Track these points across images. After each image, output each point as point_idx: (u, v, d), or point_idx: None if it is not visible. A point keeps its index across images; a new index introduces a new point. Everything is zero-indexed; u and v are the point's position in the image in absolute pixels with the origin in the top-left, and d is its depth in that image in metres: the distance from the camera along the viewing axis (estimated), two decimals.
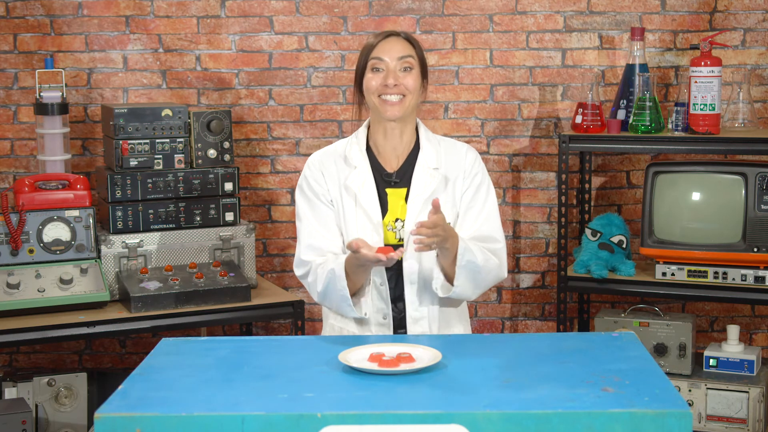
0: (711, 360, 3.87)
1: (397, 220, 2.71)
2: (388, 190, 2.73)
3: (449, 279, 2.65)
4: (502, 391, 2.12)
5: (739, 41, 4.09)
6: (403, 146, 2.76)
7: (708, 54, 3.78)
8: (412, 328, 2.72)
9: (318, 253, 2.72)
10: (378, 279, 2.70)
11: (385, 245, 2.68)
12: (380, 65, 2.68)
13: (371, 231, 2.69)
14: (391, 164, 2.76)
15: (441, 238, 2.52)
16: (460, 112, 4.19)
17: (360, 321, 2.74)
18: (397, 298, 2.73)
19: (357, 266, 2.58)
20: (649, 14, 4.12)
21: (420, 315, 2.72)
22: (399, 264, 2.70)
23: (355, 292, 2.66)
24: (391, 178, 2.74)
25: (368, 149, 2.77)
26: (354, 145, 2.77)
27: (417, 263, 2.70)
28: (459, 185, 2.74)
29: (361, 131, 2.79)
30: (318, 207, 2.74)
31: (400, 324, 2.74)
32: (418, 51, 2.73)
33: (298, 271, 2.77)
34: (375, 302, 2.71)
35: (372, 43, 2.71)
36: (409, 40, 2.73)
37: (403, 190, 2.73)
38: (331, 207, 2.74)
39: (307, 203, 2.76)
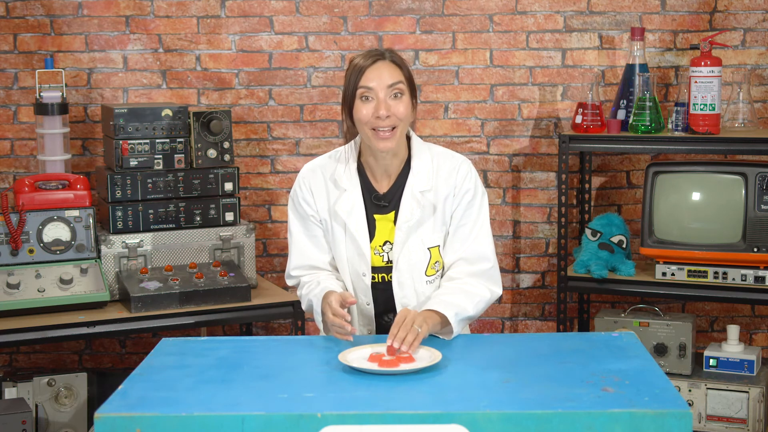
0: (711, 360, 3.87)
1: (385, 243, 2.69)
2: (377, 216, 2.70)
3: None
4: (502, 391, 2.12)
5: (739, 41, 4.09)
6: (395, 165, 2.71)
7: (708, 54, 3.78)
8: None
9: (308, 269, 2.76)
10: (364, 298, 2.70)
11: (372, 268, 2.68)
12: (370, 94, 2.59)
13: (358, 256, 2.68)
14: (382, 184, 2.71)
15: (420, 330, 2.45)
16: (460, 112, 4.19)
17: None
18: (388, 310, 2.73)
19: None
20: (649, 14, 4.12)
21: None
22: (390, 285, 2.70)
23: None
24: (380, 202, 2.70)
25: (359, 165, 2.73)
26: (344, 164, 2.71)
27: (408, 287, 2.68)
28: (449, 204, 2.69)
29: (353, 148, 2.73)
30: (308, 225, 2.74)
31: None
32: (406, 72, 2.64)
33: (289, 282, 2.82)
34: (361, 317, 2.74)
35: (360, 67, 2.61)
36: (396, 62, 2.63)
37: (391, 214, 2.69)
38: (320, 225, 2.74)
39: (299, 220, 2.76)
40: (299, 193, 2.74)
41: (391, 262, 2.68)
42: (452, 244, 2.71)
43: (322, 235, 2.74)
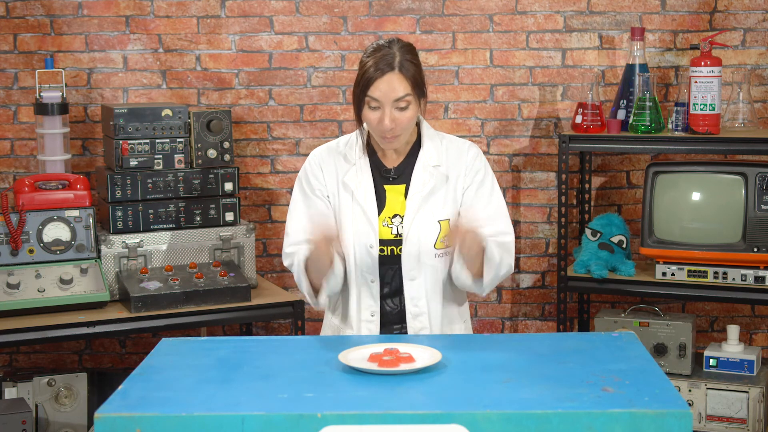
0: (711, 360, 3.87)
1: (395, 216, 2.72)
2: (387, 187, 2.74)
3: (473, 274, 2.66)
4: (502, 391, 2.12)
5: (739, 41, 4.09)
6: (404, 145, 2.77)
7: (708, 54, 3.78)
8: (411, 323, 2.72)
9: (303, 244, 2.73)
10: (369, 276, 2.71)
11: (380, 240, 2.70)
12: (377, 104, 2.62)
13: (367, 226, 2.70)
14: (391, 161, 2.77)
15: (471, 238, 2.53)
16: (460, 112, 4.19)
17: (353, 322, 2.75)
18: (395, 293, 2.73)
19: (313, 259, 2.61)
20: (649, 14, 4.12)
21: (419, 311, 2.72)
22: (398, 259, 2.71)
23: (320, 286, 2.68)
24: (390, 174, 2.74)
25: (369, 146, 2.78)
26: (355, 142, 2.78)
27: (416, 260, 2.70)
28: (460, 182, 2.74)
29: (363, 129, 2.79)
30: (312, 201, 2.76)
31: (397, 319, 2.74)
32: (414, 81, 2.64)
33: (285, 261, 2.80)
34: (363, 299, 2.72)
35: (368, 77, 2.61)
36: (405, 73, 2.62)
37: (402, 187, 2.73)
38: (326, 202, 2.75)
39: (302, 196, 2.78)
40: (308, 169, 2.78)
41: (399, 235, 2.70)
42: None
43: (325, 213, 2.75)
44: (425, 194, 2.71)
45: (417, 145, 2.77)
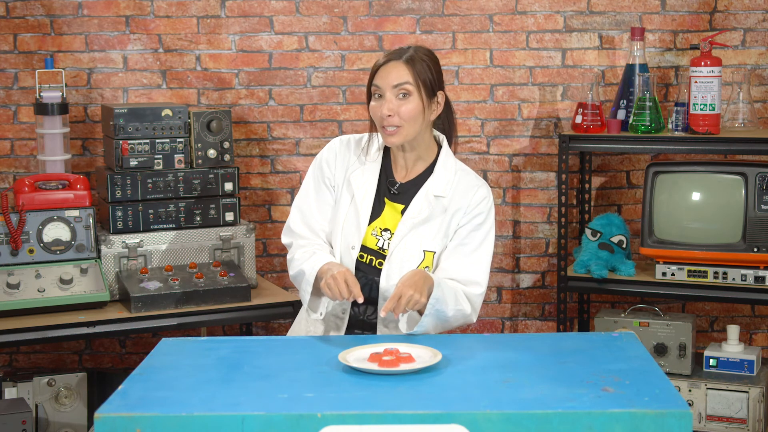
0: (711, 360, 3.87)
1: (386, 229, 2.72)
2: (387, 201, 2.75)
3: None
4: (502, 391, 2.12)
5: (739, 41, 4.09)
6: (417, 161, 2.78)
7: (708, 54, 3.78)
8: (381, 331, 2.73)
9: (306, 227, 2.79)
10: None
11: (363, 246, 2.71)
12: (378, 92, 2.69)
13: (354, 228, 2.72)
14: (401, 174, 2.77)
15: (414, 300, 2.50)
16: (460, 112, 4.19)
17: (322, 323, 2.76)
18: (369, 302, 2.73)
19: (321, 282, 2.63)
20: (649, 14, 4.12)
21: (389, 332, 2.72)
22: (375, 271, 2.70)
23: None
24: (393, 188, 2.74)
25: (387, 149, 2.81)
26: (375, 142, 2.81)
27: (395, 282, 2.68)
28: (457, 218, 2.73)
29: None
30: (321, 188, 2.81)
31: (360, 325, 2.75)
32: (419, 72, 2.67)
33: (284, 239, 2.85)
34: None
35: (375, 65, 2.71)
36: (410, 62, 2.67)
37: (401, 206, 2.74)
38: (332, 192, 2.80)
39: (313, 181, 2.84)
40: (324, 154, 2.83)
41: (383, 249, 2.71)
42: (449, 256, 2.73)
43: (330, 203, 2.79)
44: (418, 222, 2.70)
45: (430, 171, 2.77)
